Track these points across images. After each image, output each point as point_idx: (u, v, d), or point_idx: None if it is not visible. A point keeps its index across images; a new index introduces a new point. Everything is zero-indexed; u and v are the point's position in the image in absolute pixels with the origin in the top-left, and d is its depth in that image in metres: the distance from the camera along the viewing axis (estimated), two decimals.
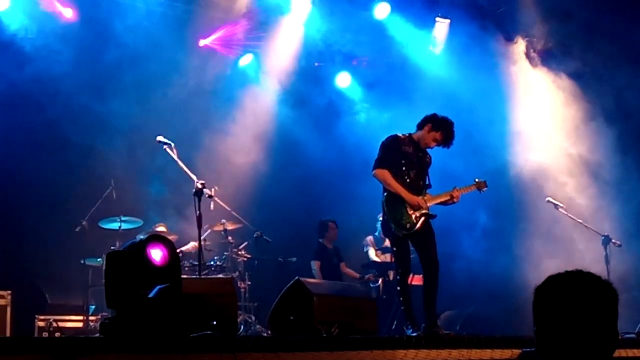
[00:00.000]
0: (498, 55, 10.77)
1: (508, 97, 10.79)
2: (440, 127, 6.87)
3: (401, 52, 11.17)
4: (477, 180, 7.24)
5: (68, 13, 9.46)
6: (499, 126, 10.43)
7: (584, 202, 9.71)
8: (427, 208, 6.76)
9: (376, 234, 10.06)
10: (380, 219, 9.77)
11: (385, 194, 6.77)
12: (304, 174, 10.85)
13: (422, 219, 6.68)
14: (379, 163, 6.78)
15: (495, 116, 10.44)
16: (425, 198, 6.80)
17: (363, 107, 11.55)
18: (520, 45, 10.70)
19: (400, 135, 6.92)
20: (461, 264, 9.82)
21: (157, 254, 4.78)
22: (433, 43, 11.09)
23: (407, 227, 6.64)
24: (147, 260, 4.74)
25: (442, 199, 6.91)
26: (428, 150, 6.98)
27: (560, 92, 10.49)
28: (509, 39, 10.71)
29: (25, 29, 8.98)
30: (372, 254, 10.06)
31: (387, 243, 9.72)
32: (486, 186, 7.28)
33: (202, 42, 10.63)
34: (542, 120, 10.57)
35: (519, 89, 10.79)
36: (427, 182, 6.92)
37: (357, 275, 10.15)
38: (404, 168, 6.75)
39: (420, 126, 6.95)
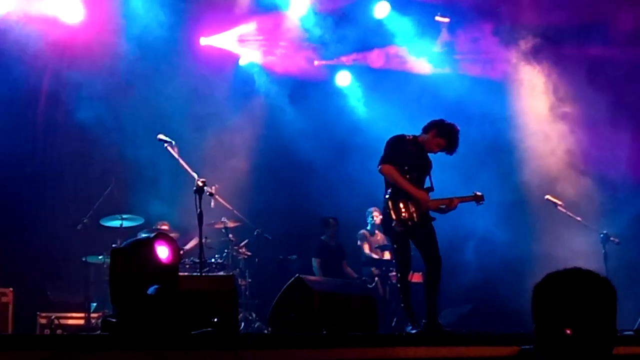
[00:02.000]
0: (498, 53, 10.77)
1: (508, 93, 10.79)
2: (445, 133, 6.84)
3: (401, 50, 11.18)
4: (475, 193, 7.24)
5: (73, 16, 9.50)
6: (496, 124, 10.41)
7: (583, 200, 9.70)
8: (428, 209, 6.77)
9: (368, 227, 10.10)
10: (373, 213, 9.90)
11: (389, 190, 6.75)
12: (305, 172, 10.86)
13: (423, 217, 6.69)
14: (385, 159, 6.76)
15: (494, 114, 10.42)
16: None
17: (364, 106, 11.54)
18: (519, 43, 10.68)
19: (406, 135, 6.92)
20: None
21: (163, 252, 4.78)
22: (432, 41, 11.10)
23: (409, 224, 6.62)
24: (154, 258, 4.74)
25: (440, 204, 6.91)
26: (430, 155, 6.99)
27: (559, 89, 10.48)
28: (508, 36, 10.70)
29: (31, 32, 8.99)
30: (367, 248, 10.06)
31: (383, 240, 9.76)
32: (483, 200, 7.25)
33: (203, 41, 10.65)
34: (541, 117, 10.56)
35: (519, 87, 10.79)
36: (428, 185, 6.91)
37: (355, 275, 10.14)
38: (406, 167, 6.73)
39: (426, 130, 6.92)
